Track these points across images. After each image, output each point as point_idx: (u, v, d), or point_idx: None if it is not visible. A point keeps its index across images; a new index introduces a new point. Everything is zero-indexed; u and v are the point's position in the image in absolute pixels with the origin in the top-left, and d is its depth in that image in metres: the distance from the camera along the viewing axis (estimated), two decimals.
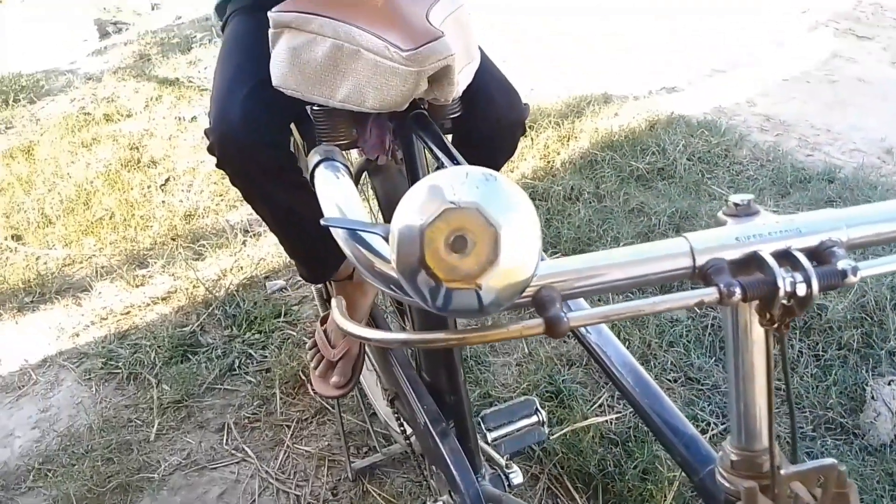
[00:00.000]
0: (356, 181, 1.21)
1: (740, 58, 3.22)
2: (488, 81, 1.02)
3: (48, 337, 1.84)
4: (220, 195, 2.38)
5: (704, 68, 3.14)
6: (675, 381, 1.66)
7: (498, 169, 1.17)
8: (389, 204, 1.09)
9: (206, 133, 1.03)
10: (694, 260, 0.39)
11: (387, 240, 0.39)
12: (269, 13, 0.91)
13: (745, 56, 3.24)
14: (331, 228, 0.51)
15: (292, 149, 1.09)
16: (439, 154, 0.86)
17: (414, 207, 0.36)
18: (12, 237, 2.19)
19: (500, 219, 0.35)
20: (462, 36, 0.91)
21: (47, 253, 2.12)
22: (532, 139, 2.59)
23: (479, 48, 1.00)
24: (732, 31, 3.43)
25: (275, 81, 0.92)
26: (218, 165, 1.04)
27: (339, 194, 0.58)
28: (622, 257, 0.39)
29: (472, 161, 0.87)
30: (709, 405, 1.59)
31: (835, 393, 1.59)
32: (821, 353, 1.69)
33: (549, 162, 2.51)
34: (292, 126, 1.10)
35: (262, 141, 0.99)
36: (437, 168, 0.92)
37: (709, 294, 0.36)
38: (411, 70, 0.79)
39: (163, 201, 2.33)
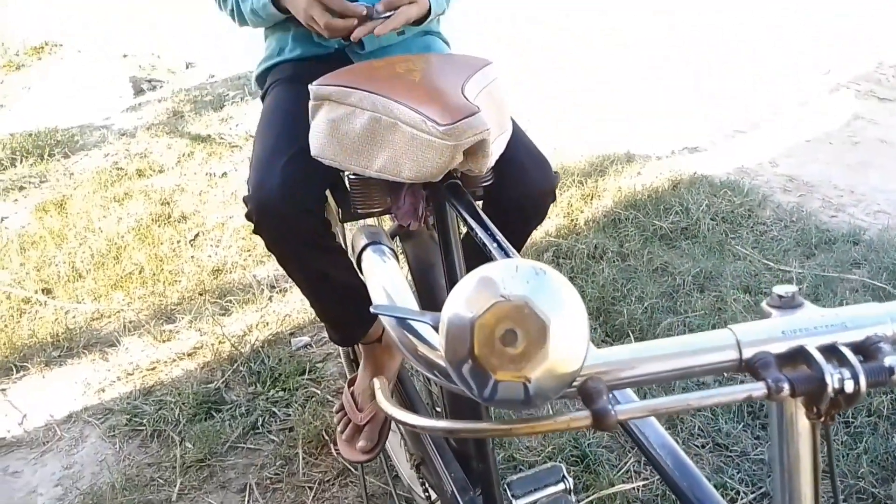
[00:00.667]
0: None
1: (762, 118, 3.25)
2: (520, 151, 1.04)
3: (74, 392, 1.86)
4: (248, 250, 2.41)
5: (727, 128, 3.17)
6: (703, 447, 1.63)
7: (528, 235, 1.19)
8: (420, 267, 1.11)
9: (244, 200, 1.06)
10: (740, 353, 0.39)
11: (435, 328, 0.40)
12: (309, 86, 0.95)
13: (768, 116, 3.26)
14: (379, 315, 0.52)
15: (327, 215, 1.11)
16: (472, 223, 0.87)
17: (465, 299, 0.37)
18: (42, 291, 2.23)
19: (550, 313, 0.36)
20: (495, 108, 0.93)
21: (76, 307, 2.16)
22: (556, 197, 2.61)
23: (511, 118, 1.02)
24: (754, 92, 3.46)
25: (313, 151, 0.95)
26: (255, 231, 1.06)
27: (387, 280, 0.60)
28: (668, 348, 0.40)
29: (502, 227, 0.89)
30: (738, 473, 1.56)
31: (865, 462, 1.55)
32: (850, 419, 1.66)
33: (572, 220, 2.53)
34: (327, 192, 1.12)
35: (299, 209, 1.02)
36: (468, 234, 0.93)
37: (757, 389, 0.37)
38: (448, 144, 0.81)
39: (192, 256, 2.37)
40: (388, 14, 1.03)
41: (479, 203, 1.07)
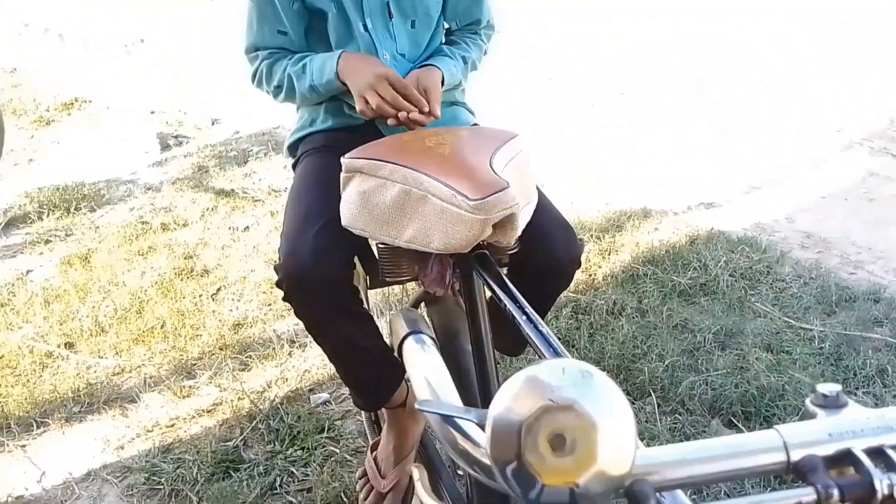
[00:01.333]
0: (414, 309, 1.24)
1: (777, 175, 3.27)
2: (545, 219, 1.06)
3: (93, 449, 1.86)
4: (269, 305, 2.43)
5: (742, 185, 3.19)
6: None
7: (554, 301, 1.20)
8: (446, 332, 1.12)
9: (275, 269, 1.08)
10: (788, 456, 0.39)
11: (480, 426, 0.40)
12: (342, 159, 0.98)
13: (782, 173, 3.28)
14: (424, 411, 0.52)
15: (355, 281, 1.13)
16: (499, 292, 0.89)
17: (512, 400, 0.38)
18: (65, 345, 2.25)
19: (598, 417, 0.37)
20: (522, 179, 0.96)
21: (98, 362, 2.17)
22: (581, 263, 2.62)
23: (537, 187, 1.05)
24: (769, 149, 3.49)
25: (344, 222, 0.97)
26: (285, 299, 1.08)
27: (430, 373, 0.61)
28: (716, 450, 0.40)
29: (528, 293, 0.90)
30: None
31: None
32: None
33: (590, 275, 2.53)
34: (356, 259, 1.14)
35: (328, 278, 1.04)
36: (492, 301, 0.94)
37: (806, 495, 0.37)
38: (478, 218, 0.83)
39: (213, 310, 2.39)
40: None
41: (505, 269, 1.08)
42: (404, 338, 0.74)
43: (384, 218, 0.92)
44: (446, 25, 1.40)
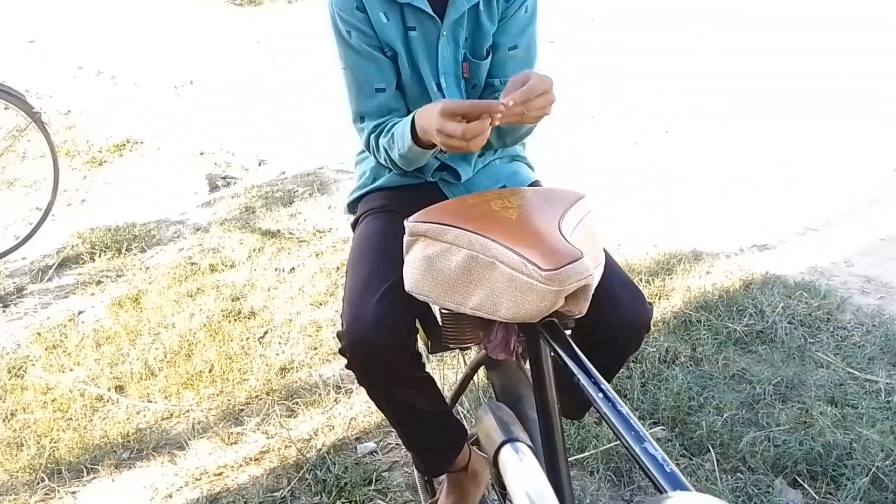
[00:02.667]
0: (473, 372, 1.21)
1: (833, 215, 3.17)
2: (614, 282, 1.03)
3: (142, 497, 1.85)
4: (314, 349, 2.42)
5: (797, 226, 3.10)
6: None
7: (622, 366, 1.16)
8: (507, 396, 1.08)
9: (338, 336, 1.07)
10: None
11: None
12: (405, 222, 0.96)
13: (839, 214, 3.19)
14: None
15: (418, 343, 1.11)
16: (567, 360, 0.85)
17: None
18: (115, 388, 2.27)
19: None
20: (591, 243, 0.93)
21: (147, 406, 2.18)
22: (651, 328, 2.56)
23: (604, 248, 1.02)
24: (824, 189, 3.40)
25: (408, 286, 0.95)
26: (348, 367, 1.06)
27: (532, 488, 0.58)
28: None
29: (595, 358, 0.87)
30: None
31: None
32: None
33: None
34: (418, 322, 1.12)
35: (391, 344, 1.02)
36: (556, 365, 0.91)
37: None
38: (550, 289, 0.81)
39: (260, 354, 2.39)
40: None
41: (569, 331, 1.05)
42: (500, 445, 0.71)
43: (449, 284, 0.90)
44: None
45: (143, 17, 7.27)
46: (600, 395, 0.81)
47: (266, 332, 2.51)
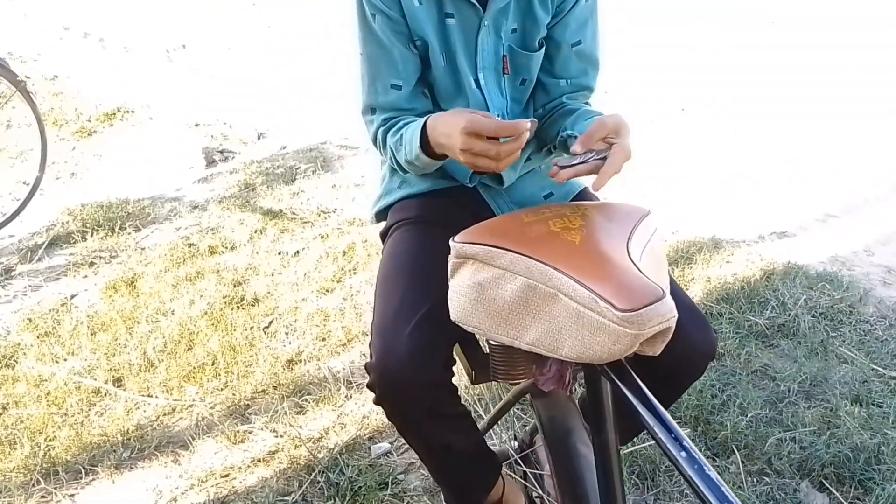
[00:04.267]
0: (515, 401, 1.12)
1: (854, 203, 3.09)
2: (679, 309, 0.93)
3: (145, 501, 1.77)
4: (322, 339, 2.32)
5: (817, 213, 3.02)
6: None
7: (682, 394, 1.07)
8: (554, 428, 0.99)
9: (367, 368, 0.97)
10: None
11: None
12: (451, 242, 0.85)
13: (860, 202, 3.10)
14: None
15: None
16: (633, 401, 0.76)
17: None
18: (113, 380, 2.17)
19: None
20: (658, 267, 0.83)
21: (147, 401, 2.08)
22: (716, 355, 2.47)
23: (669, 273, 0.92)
24: (844, 176, 3.31)
25: (454, 315, 0.85)
26: (377, 402, 0.97)
27: None
28: None
29: (655, 387, 0.78)
30: None
31: None
32: None
33: None
34: (456, 351, 1.02)
35: (427, 383, 0.92)
36: (618, 407, 0.82)
37: None
38: (628, 332, 0.71)
39: (265, 345, 2.29)
40: (588, 156, 0.91)
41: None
42: None
43: (502, 315, 0.80)
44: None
45: None
46: (674, 443, 0.72)
47: (271, 322, 2.41)
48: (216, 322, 2.40)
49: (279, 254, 2.84)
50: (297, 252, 2.84)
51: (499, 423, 1.60)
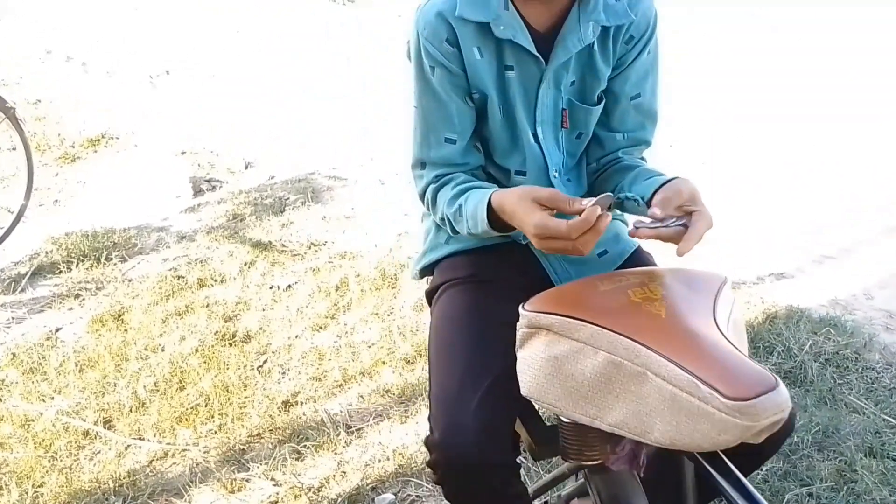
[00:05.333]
0: (571, 474, 1.06)
1: (849, 244, 3.10)
2: None
3: None
4: (318, 379, 2.24)
5: (813, 254, 3.02)
6: None
7: (760, 465, 1.02)
8: None
9: (427, 445, 0.90)
10: None
11: None
12: (521, 310, 0.80)
13: (854, 242, 3.12)
14: None
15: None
16: (726, 488, 0.70)
17: None
18: (103, 422, 2.06)
19: None
20: (741, 339, 0.79)
21: (139, 444, 1.98)
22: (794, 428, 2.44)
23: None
24: (837, 216, 3.33)
25: (525, 390, 0.79)
26: (438, 482, 0.90)
27: None
28: None
29: (732, 459, 0.73)
30: None
31: None
32: None
33: None
34: (518, 423, 0.96)
35: (495, 463, 0.86)
36: (700, 489, 0.76)
37: None
38: (738, 423, 0.65)
39: (260, 384, 2.20)
40: (668, 221, 0.87)
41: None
42: None
43: (582, 392, 0.74)
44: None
45: (110, 0, 6.91)
46: None
47: (265, 361, 2.32)
48: (208, 360, 2.31)
49: (270, 288, 2.76)
50: (290, 286, 2.76)
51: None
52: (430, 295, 1.17)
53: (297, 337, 2.47)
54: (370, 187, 3.64)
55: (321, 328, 2.51)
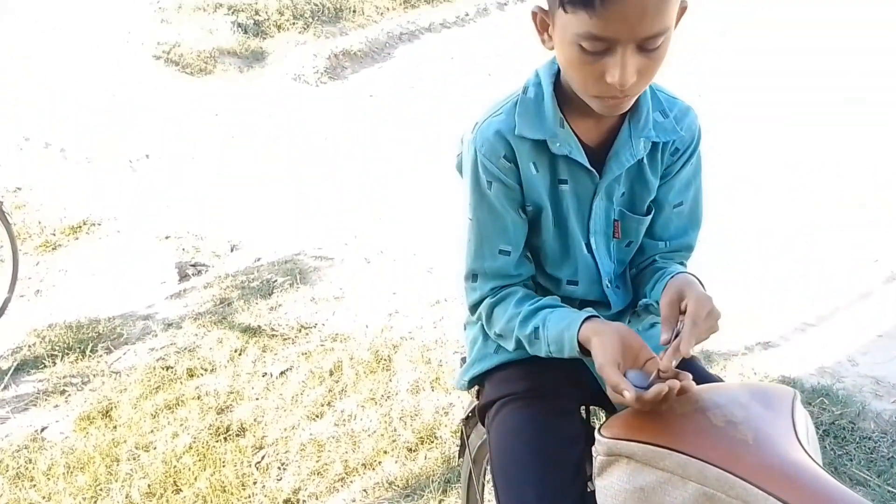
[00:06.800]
0: None
1: (827, 311, 3.17)
2: None
3: None
4: (319, 473, 2.20)
5: (795, 321, 3.08)
6: None
7: None
8: None
9: None
10: None
11: None
12: (598, 436, 0.80)
13: (831, 309, 3.19)
14: None
15: None
16: None
17: None
18: None
19: None
20: (817, 454, 0.80)
21: None
22: None
23: None
24: (812, 283, 3.41)
25: None
26: None
27: None
28: None
29: None
30: None
31: None
32: None
33: None
34: None
35: None
36: None
37: None
38: None
39: (258, 482, 2.15)
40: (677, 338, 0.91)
41: None
42: None
43: None
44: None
45: (89, 86, 6.97)
46: None
47: (263, 457, 2.27)
48: (203, 457, 2.25)
49: (263, 375, 2.72)
50: (283, 373, 2.73)
51: None
52: (482, 410, 1.17)
53: (293, 428, 2.43)
54: (356, 266, 3.65)
55: (318, 417, 2.47)
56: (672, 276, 1.03)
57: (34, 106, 6.33)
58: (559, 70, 1.07)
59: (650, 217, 1.17)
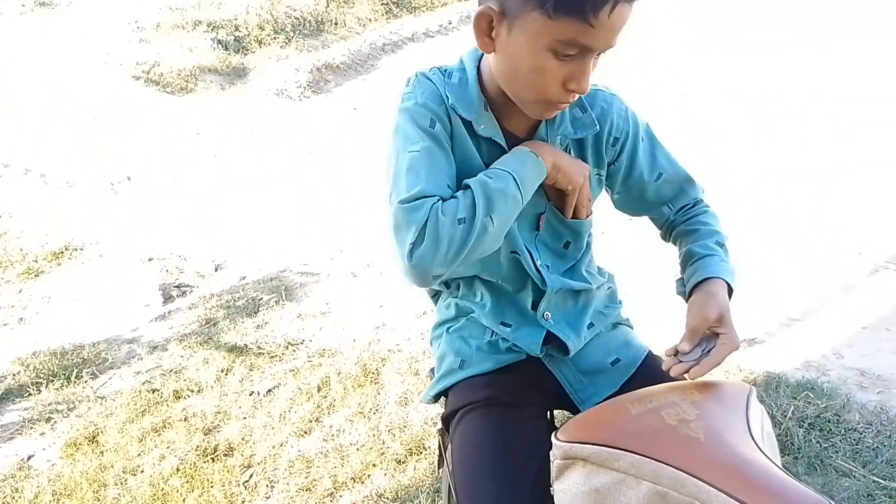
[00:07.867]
0: None
1: (811, 305, 3.19)
2: None
3: None
4: (308, 489, 2.18)
5: (780, 316, 3.10)
6: None
7: None
8: None
9: None
10: None
11: None
12: (554, 440, 0.81)
13: (816, 303, 3.21)
14: None
15: None
16: None
17: None
18: None
19: None
20: (775, 455, 0.81)
21: None
22: None
23: None
24: (795, 277, 3.43)
25: None
26: None
27: None
28: None
29: None
30: None
31: None
32: None
33: None
34: None
35: None
36: None
37: None
38: None
39: (247, 502, 2.13)
40: (698, 351, 0.92)
41: None
42: None
43: None
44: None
45: (68, 109, 6.95)
46: None
47: (251, 476, 2.26)
48: (191, 479, 2.23)
49: (250, 394, 2.70)
50: (270, 391, 2.72)
51: None
52: (446, 419, 1.16)
53: (282, 445, 2.42)
54: (343, 281, 3.65)
55: (306, 433, 2.46)
56: (704, 280, 1.04)
57: (12, 131, 6.30)
58: (481, 59, 1.06)
59: (590, 221, 1.16)
